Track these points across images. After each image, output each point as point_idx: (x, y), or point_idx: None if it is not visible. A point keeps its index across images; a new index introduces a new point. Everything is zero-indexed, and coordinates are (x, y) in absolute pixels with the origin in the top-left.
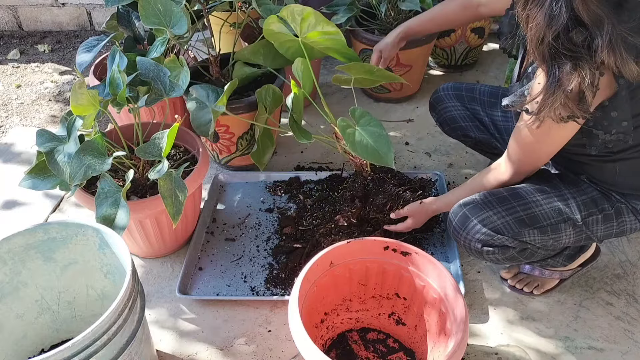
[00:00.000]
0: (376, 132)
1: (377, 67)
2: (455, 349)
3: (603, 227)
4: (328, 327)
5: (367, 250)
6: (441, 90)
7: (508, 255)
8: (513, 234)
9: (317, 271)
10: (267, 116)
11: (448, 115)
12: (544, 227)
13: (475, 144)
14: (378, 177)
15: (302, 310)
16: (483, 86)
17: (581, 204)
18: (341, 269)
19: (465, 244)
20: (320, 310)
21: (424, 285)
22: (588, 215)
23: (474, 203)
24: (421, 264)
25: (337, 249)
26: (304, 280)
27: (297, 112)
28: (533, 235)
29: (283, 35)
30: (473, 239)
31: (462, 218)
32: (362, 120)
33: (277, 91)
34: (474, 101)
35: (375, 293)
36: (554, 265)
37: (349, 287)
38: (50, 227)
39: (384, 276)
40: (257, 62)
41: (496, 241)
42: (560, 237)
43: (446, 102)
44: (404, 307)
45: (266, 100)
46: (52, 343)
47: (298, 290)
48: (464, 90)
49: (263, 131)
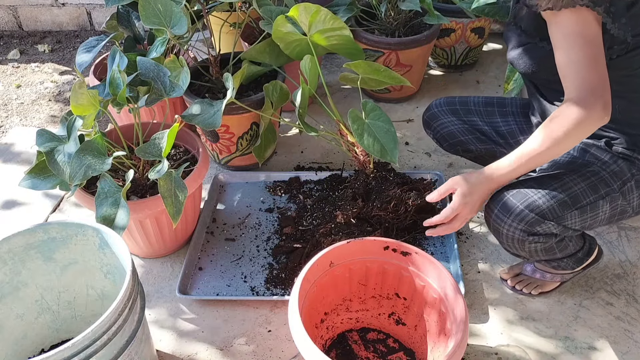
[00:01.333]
0: (384, 127)
1: (385, 67)
2: (455, 349)
3: (637, 194)
4: (328, 327)
5: (367, 250)
6: (434, 106)
7: (548, 246)
8: (557, 219)
9: (317, 271)
10: (272, 111)
11: (446, 131)
12: (583, 207)
13: (476, 157)
14: (380, 175)
15: (302, 310)
16: (475, 98)
17: (613, 174)
18: (341, 269)
19: (509, 233)
20: (320, 310)
21: (424, 285)
22: (622, 184)
23: (515, 188)
24: (421, 264)
25: (337, 249)
26: (304, 280)
27: (303, 107)
28: (574, 217)
29: (291, 35)
30: (518, 227)
31: (507, 204)
32: (372, 114)
33: (284, 87)
34: (470, 113)
35: (375, 293)
36: (564, 268)
37: (349, 287)
38: (50, 227)
39: (384, 276)
40: (262, 61)
41: (542, 227)
42: (597, 215)
43: (442, 118)
44: (404, 307)
45: (273, 96)
46: (52, 343)
47: (298, 290)
48: (457, 104)
49: (267, 126)
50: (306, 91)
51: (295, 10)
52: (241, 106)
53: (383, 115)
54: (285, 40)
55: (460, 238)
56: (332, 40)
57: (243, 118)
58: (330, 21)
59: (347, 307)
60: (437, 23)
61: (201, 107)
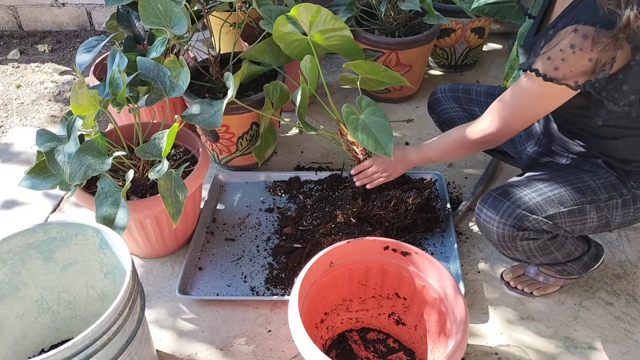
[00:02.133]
0: (380, 122)
1: (385, 67)
2: (455, 349)
3: (621, 213)
4: (328, 327)
5: (367, 250)
6: (439, 91)
7: (541, 243)
8: (545, 214)
9: (317, 271)
10: (273, 111)
11: (447, 117)
12: (571, 209)
13: None
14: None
15: (302, 310)
16: (479, 87)
17: (601, 186)
18: (341, 269)
19: (499, 229)
20: (320, 310)
21: (424, 285)
22: (609, 198)
23: (501, 188)
24: (421, 264)
25: (337, 249)
26: (304, 280)
27: (303, 107)
28: (563, 217)
29: (291, 35)
30: (507, 222)
31: (494, 202)
32: (368, 110)
33: (284, 87)
34: (472, 102)
35: (375, 293)
36: (570, 273)
37: (349, 287)
38: (50, 227)
39: (384, 276)
40: (262, 60)
41: (531, 222)
42: (586, 219)
43: (444, 103)
44: (404, 307)
45: (273, 96)
46: (52, 343)
47: (298, 290)
48: (460, 92)
49: (267, 127)
50: (306, 91)
51: (296, 10)
52: (241, 106)
53: (379, 111)
54: (285, 40)
55: (460, 238)
56: (332, 40)
57: (243, 118)
58: (330, 21)
59: (347, 307)
60: (437, 23)
61: (201, 107)
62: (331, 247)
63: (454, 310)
